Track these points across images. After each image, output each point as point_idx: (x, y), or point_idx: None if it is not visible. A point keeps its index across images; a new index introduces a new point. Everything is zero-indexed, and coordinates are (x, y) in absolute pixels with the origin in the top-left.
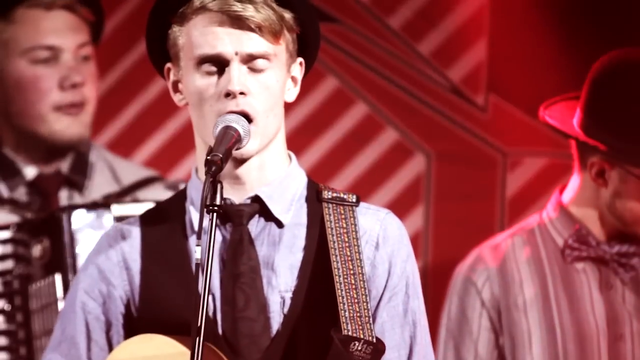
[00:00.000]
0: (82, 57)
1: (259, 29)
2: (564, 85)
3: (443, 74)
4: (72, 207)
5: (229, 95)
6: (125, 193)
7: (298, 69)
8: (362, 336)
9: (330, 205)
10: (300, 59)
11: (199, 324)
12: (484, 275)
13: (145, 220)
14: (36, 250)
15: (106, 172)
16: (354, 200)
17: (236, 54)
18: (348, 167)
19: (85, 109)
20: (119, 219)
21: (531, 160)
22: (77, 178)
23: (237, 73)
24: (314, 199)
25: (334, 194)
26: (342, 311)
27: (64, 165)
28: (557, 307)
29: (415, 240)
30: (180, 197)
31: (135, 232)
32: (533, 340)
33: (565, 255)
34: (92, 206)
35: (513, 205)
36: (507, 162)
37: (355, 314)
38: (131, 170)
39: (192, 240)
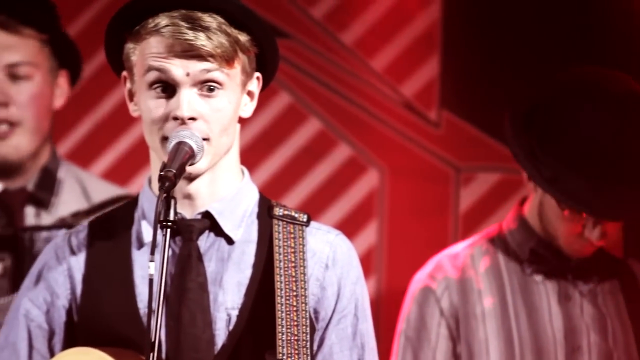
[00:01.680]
0: (15, 76)
1: (210, 57)
2: (516, 99)
3: (396, 89)
4: (37, 228)
5: (177, 119)
6: (94, 211)
7: (255, 84)
8: None
9: (281, 223)
10: (257, 74)
11: (152, 340)
12: (443, 284)
13: (94, 228)
14: None
15: (76, 188)
16: (305, 220)
17: (187, 75)
18: (302, 182)
19: (14, 130)
20: None
21: (484, 176)
22: (43, 195)
23: (186, 98)
24: (265, 215)
25: (285, 212)
26: (280, 334)
27: (30, 182)
28: (516, 318)
29: (368, 256)
30: (130, 207)
31: (82, 241)
32: (490, 350)
33: (524, 267)
34: (59, 226)
35: (467, 220)
36: (460, 177)
37: (292, 337)
38: (101, 188)
39: (137, 252)
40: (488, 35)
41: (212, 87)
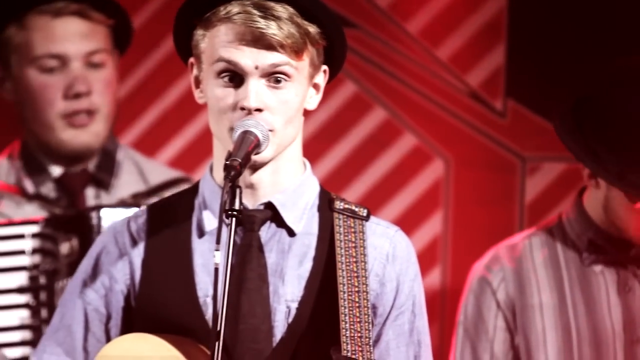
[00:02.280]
0: (93, 64)
1: (280, 47)
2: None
3: (461, 79)
4: (101, 207)
5: (244, 109)
6: (152, 193)
7: (322, 77)
8: (360, 358)
9: (341, 217)
10: (324, 67)
11: (218, 328)
12: (500, 275)
13: (153, 213)
14: (64, 247)
15: (133, 171)
16: (365, 214)
17: (256, 68)
18: (366, 172)
19: (94, 117)
20: None
21: (550, 165)
22: (104, 176)
23: (254, 88)
24: (326, 208)
25: (346, 206)
26: (344, 330)
27: (91, 164)
28: (574, 309)
29: (433, 246)
30: (190, 194)
31: (142, 225)
32: (548, 342)
33: (583, 257)
34: (120, 205)
35: (532, 210)
36: (526, 167)
37: (356, 334)
38: (158, 170)
39: (198, 240)
40: (554, 23)
41: (279, 79)
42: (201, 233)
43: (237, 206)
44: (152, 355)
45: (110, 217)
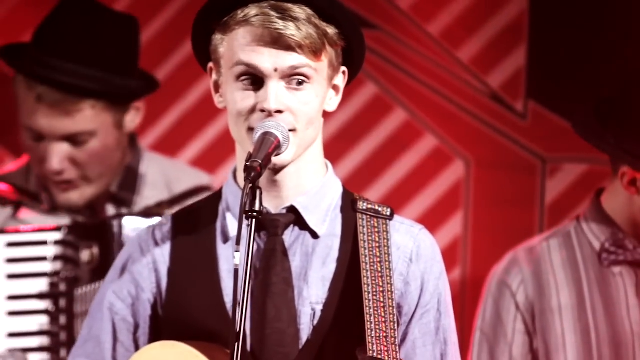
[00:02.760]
0: (75, 141)
1: (299, 48)
2: (603, 91)
3: (482, 80)
4: (123, 215)
5: (264, 111)
6: (176, 201)
7: (341, 78)
8: (386, 358)
9: (365, 217)
10: (343, 68)
11: (237, 330)
12: (519, 278)
13: (178, 221)
14: (85, 254)
15: (159, 180)
16: (388, 213)
17: (275, 70)
18: (387, 173)
19: (81, 184)
20: None
21: (571, 167)
22: (126, 195)
23: (274, 91)
24: (349, 209)
25: (369, 205)
26: (369, 330)
27: (114, 184)
28: (593, 311)
29: (454, 247)
30: (214, 200)
31: (167, 234)
32: (567, 344)
33: (602, 258)
34: (143, 214)
35: (552, 212)
36: (546, 168)
37: (382, 334)
38: (186, 177)
39: (223, 246)
40: (575, 25)
41: (300, 81)
42: (226, 239)
43: (257, 207)
44: None
45: (131, 226)
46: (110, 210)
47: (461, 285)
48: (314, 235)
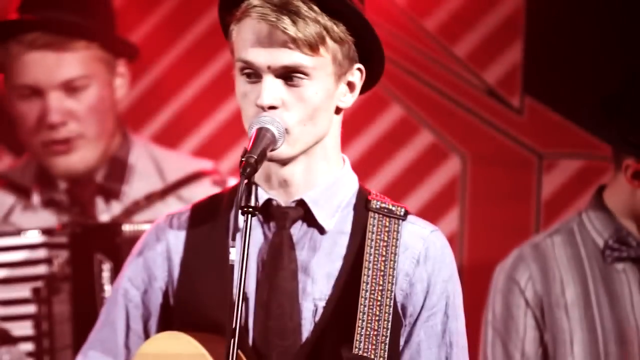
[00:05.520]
0: (72, 90)
1: (293, 42)
2: (600, 86)
3: (478, 75)
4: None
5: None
6: (168, 191)
7: (357, 76)
8: (372, 356)
9: (377, 216)
10: (358, 65)
11: (233, 326)
12: (527, 274)
13: (196, 211)
14: (61, 259)
15: (150, 170)
16: (402, 213)
17: (269, 67)
18: (383, 169)
19: (77, 144)
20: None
21: (567, 162)
22: (113, 185)
23: (268, 86)
24: (362, 207)
25: (383, 205)
26: (359, 328)
27: (99, 174)
28: (598, 307)
29: (450, 242)
30: (232, 192)
31: (184, 223)
32: (574, 340)
33: (606, 255)
34: (129, 212)
35: (549, 207)
36: (542, 164)
37: (372, 332)
38: (179, 163)
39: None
40: (571, 20)
41: (295, 77)
42: (237, 232)
43: (252, 202)
44: (180, 353)
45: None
46: (100, 204)
47: None
48: (322, 231)
